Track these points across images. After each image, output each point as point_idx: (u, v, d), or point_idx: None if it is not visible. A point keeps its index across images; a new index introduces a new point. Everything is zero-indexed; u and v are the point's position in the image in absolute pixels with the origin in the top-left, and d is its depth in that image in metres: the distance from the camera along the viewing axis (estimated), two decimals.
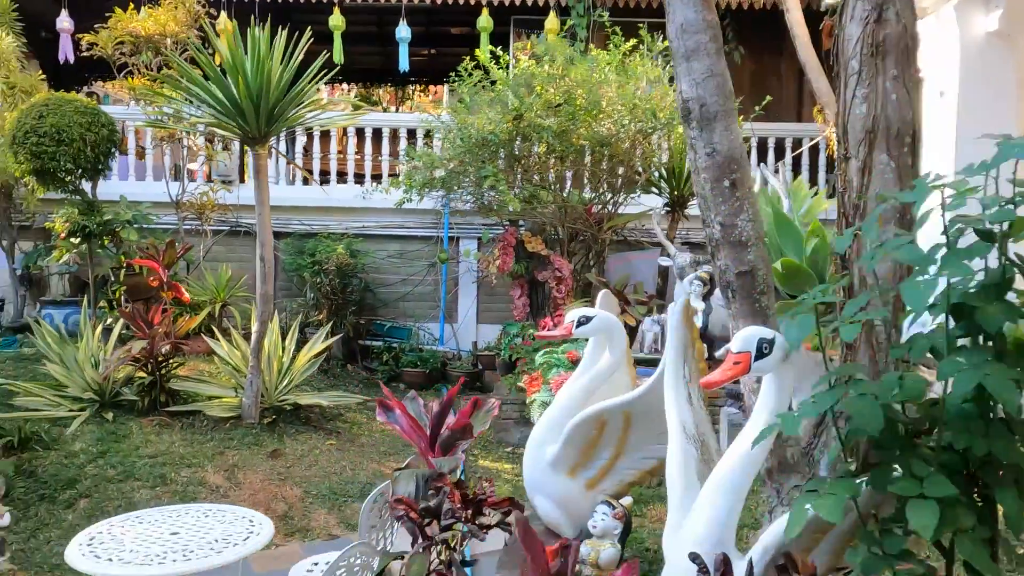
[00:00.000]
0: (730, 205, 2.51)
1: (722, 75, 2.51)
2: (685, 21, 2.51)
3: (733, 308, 2.57)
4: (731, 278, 2.55)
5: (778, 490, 2.64)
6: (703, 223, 2.61)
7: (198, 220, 8.24)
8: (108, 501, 4.93)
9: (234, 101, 5.49)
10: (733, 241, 2.53)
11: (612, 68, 6.15)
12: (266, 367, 6.23)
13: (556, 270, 6.61)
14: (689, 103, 2.52)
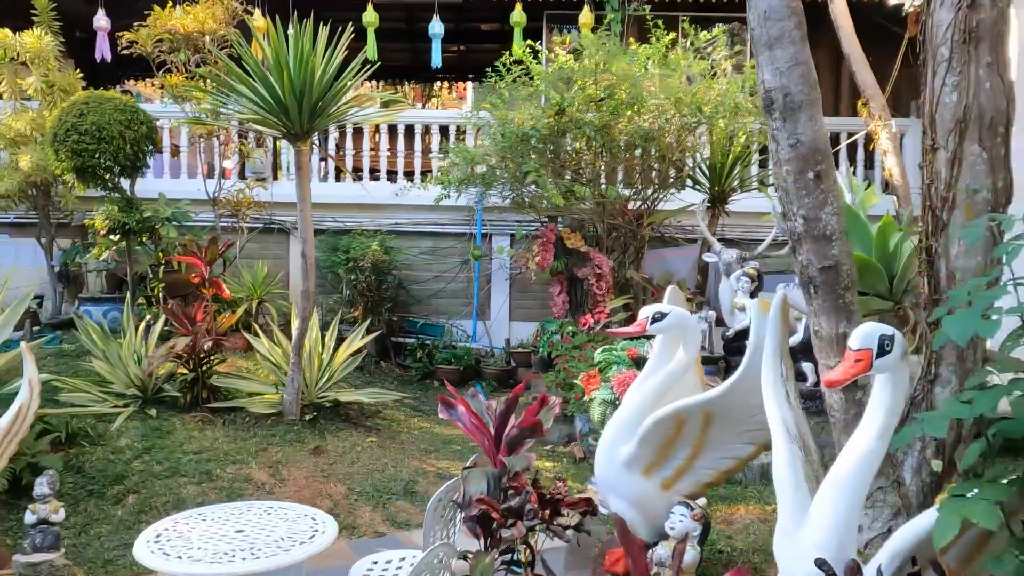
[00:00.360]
0: (814, 198, 2.44)
1: (806, 63, 2.44)
2: (768, 8, 2.44)
3: (815, 304, 2.50)
4: (813, 273, 2.48)
5: None
6: (783, 216, 2.54)
7: (234, 217, 8.26)
8: (156, 497, 4.95)
9: (277, 98, 5.48)
10: (816, 235, 2.46)
11: (655, 62, 6.07)
12: (307, 364, 6.23)
13: (596, 267, 6.54)
14: (772, 92, 2.45)
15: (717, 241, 5.75)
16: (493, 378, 8.77)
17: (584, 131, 5.92)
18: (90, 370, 6.43)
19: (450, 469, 5.96)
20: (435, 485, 5.68)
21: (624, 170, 7.02)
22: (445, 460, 6.13)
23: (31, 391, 4.10)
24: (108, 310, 8.23)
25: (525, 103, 6.28)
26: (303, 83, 5.39)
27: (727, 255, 5.57)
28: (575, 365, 6.15)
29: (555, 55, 6.73)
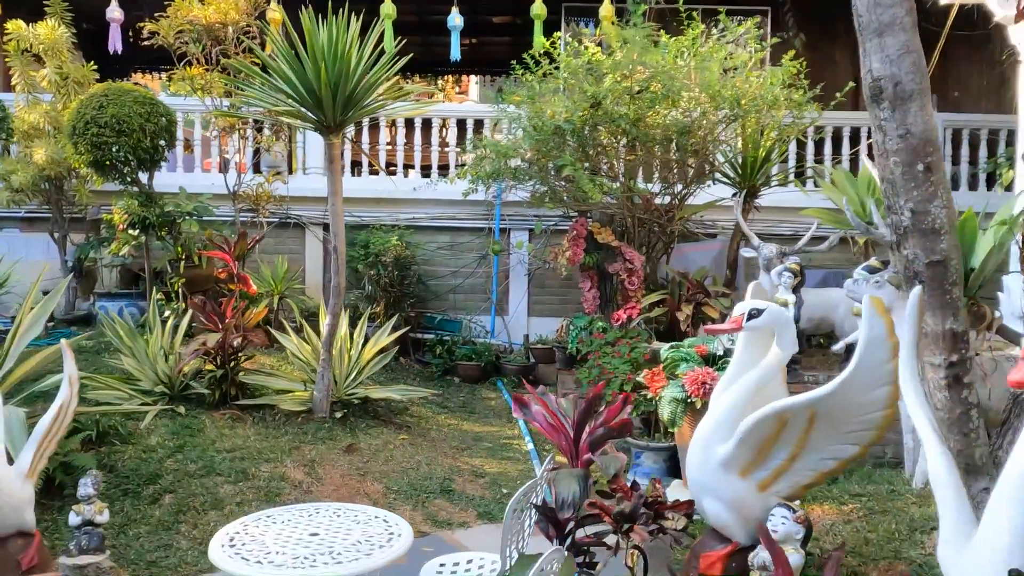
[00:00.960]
0: (923, 191, 2.37)
1: (917, 51, 2.36)
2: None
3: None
4: (920, 268, 2.41)
5: None
6: (888, 210, 2.47)
7: (253, 212, 8.14)
8: (193, 497, 4.85)
9: (311, 89, 5.38)
10: (925, 229, 2.39)
11: (692, 54, 5.99)
12: (336, 361, 6.14)
13: (627, 261, 6.47)
14: (881, 82, 2.38)
15: (755, 236, 5.68)
16: (513, 374, 8.69)
17: (620, 124, 5.83)
18: (112, 366, 6.33)
19: (484, 467, 5.89)
20: (471, 483, 5.62)
21: (655, 164, 6.94)
22: (478, 458, 6.06)
23: (71, 389, 4.01)
24: (126, 305, 8.11)
25: (553, 97, 6.19)
26: (339, 75, 5.29)
27: (767, 250, 5.51)
28: (609, 361, 6.08)
29: (581, 48, 6.62)
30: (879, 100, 2.40)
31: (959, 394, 2.50)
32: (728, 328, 2.72)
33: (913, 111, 2.35)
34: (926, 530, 2.85)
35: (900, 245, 2.45)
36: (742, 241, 7.07)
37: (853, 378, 2.26)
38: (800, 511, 2.41)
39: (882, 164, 2.45)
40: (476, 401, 7.85)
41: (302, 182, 9.38)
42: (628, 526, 2.33)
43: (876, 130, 2.46)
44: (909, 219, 2.39)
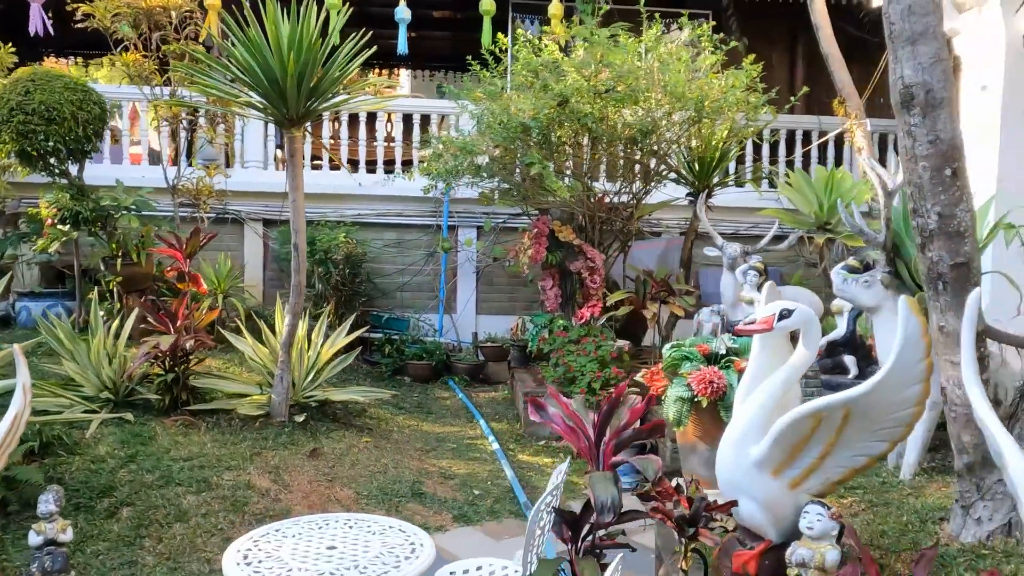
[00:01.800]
0: (950, 195, 2.45)
1: (947, 60, 2.44)
2: (914, 3, 2.43)
3: (941, 301, 2.51)
4: (944, 270, 2.49)
5: (978, 485, 2.61)
6: (913, 213, 2.54)
7: (193, 207, 7.76)
8: (153, 509, 4.57)
9: (274, 79, 5.15)
10: (951, 232, 2.47)
11: (656, 56, 6.06)
12: (296, 362, 5.92)
13: (589, 260, 6.49)
14: (913, 88, 2.45)
15: (719, 235, 5.80)
16: (465, 373, 8.62)
17: (585, 123, 5.83)
18: (47, 371, 5.91)
19: (452, 468, 5.80)
20: (441, 485, 5.52)
21: (614, 163, 6.99)
22: (445, 459, 5.96)
23: (25, 398, 3.70)
24: (50, 306, 7.59)
25: (518, 94, 6.14)
26: (304, 65, 5.08)
27: (731, 249, 5.63)
28: (575, 359, 6.09)
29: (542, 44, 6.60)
30: (910, 107, 2.47)
31: None
32: (759, 328, 2.75)
33: (943, 118, 2.44)
34: (935, 520, 2.97)
35: (925, 247, 2.54)
36: (696, 240, 7.23)
37: (889, 377, 2.32)
38: (834, 508, 2.47)
39: (910, 169, 2.53)
40: (431, 401, 7.73)
41: (241, 176, 9.01)
42: (693, 530, 2.32)
43: (905, 136, 2.53)
44: (936, 222, 2.48)
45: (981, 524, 2.63)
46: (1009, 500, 2.61)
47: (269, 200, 9.16)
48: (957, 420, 2.64)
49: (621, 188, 7.02)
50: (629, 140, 6.31)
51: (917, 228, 2.55)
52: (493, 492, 5.45)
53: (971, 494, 2.65)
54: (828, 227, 5.71)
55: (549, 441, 6.60)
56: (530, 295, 9.53)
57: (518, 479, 5.58)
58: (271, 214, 9.21)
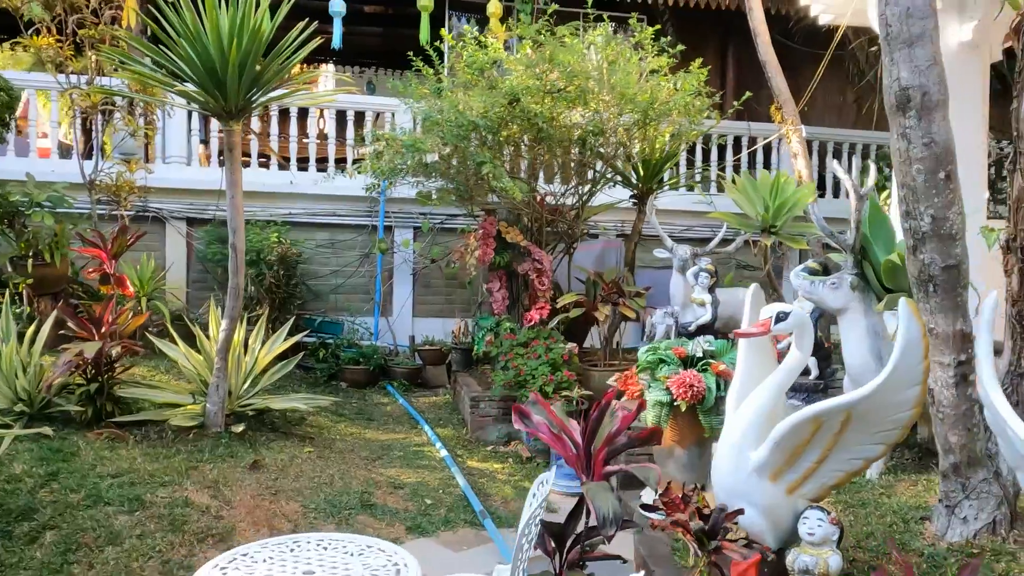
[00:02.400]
0: (943, 198, 2.46)
1: (942, 64, 2.46)
2: (912, 6, 2.43)
3: (931, 303, 2.53)
4: (936, 272, 2.51)
5: (964, 485, 2.64)
6: (906, 215, 2.55)
7: (112, 204, 7.26)
8: (81, 532, 4.19)
9: (212, 69, 4.84)
10: (943, 234, 2.49)
11: (605, 56, 6.02)
12: (233, 369, 5.59)
13: (536, 262, 6.40)
14: (910, 91, 2.45)
15: (668, 237, 5.81)
16: (403, 377, 8.39)
17: (536, 123, 5.74)
18: None
19: (401, 477, 5.59)
20: (391, 496, 5.32)
21: (561, 165, 6.93)
22: (393, 468, 5.75)
23: None
24: None
25: (467, 92, 5.99)
26: (247, 54, 4.79)
27: (682, 251, 5.64)
28: (525, 362, 5.99)
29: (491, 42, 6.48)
30: (906, 109, 2.48)
31: (965, 391, 2.65)
32: (756, 332, 2.71)
33: (937, 121, 2.46)
34: (917, 520, 3.01)
35: (917, 250, 2.55)
36: (639, 243, 7.26)
37: (891, 379, 2.32)
38: (833, 513, 2.45)
39: (904, 171, 2.54)
40: (371, 407, 7.48)
41: (162, 172, 8.51)
42: (716, 544, 2.23)
43: (899, 138, 2.54)
44: (929, 225, 2.50)
45: (967, 523, 2.68)
46: (994, 499, 2.67)
47: (193, 197, 8.69)
48: (945, 421, 2.68)
49: (568, 190, 6.97)
50: (578, 141, 6.26)
51: (909, 230, 2.56)
52: (446, 501, 5.28)
53: (957, 494, 2.70)
54: (773, 229, 5.82)
55: (496, 446, 6.48)
56: (467, 297, 9.39)
57: (470, 486, 5.44)
58: (195, 212, 8.74)
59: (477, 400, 6.52)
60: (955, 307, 2.54)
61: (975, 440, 2.65)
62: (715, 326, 5.48)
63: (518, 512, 5.30)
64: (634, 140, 6.52)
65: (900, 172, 2.56)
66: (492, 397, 6.44)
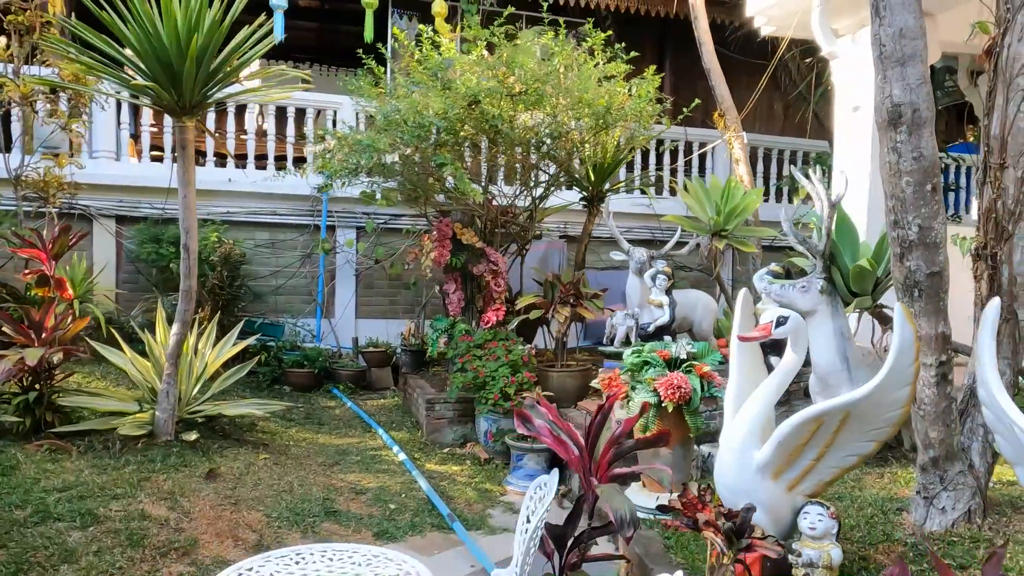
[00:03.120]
0: (930, 208, 2.61)
1: (929, 83, 2.60)
2: (905, 27, 2.57)
3: (916, 308, 2.68)
4: (921, 278, 2.66)
5: (941, 477, 2.81)
6: (893, 225, 2.69)
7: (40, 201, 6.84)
8: (32, 550, 3.94)
9: (167, 61, 4.64)
10: (928, 243, 2.64)
11: (561, 60, 6.08)
12: (185, 374, 5.38)
13: (492, 263, 6.40)
14: (901, 107, 2.59)
15: (624, 240, 5.93)
16: (349, 380, 8.25)
17: (495, 124, 5.75)
18: None
19: (362, 483, 5.51)
20: (354, 502, 5.23)
21: (515, 167, 6.95)
22: (352, 473, 5.65)
23: None
24: None
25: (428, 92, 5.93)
26: (204, 48, 4.62)
27: (639, 254, 5.77)
28: (484, 364, 5.99)
29: (445, 42, 6.45)
30: (897, 124, 2.62)
31: (944, 390, 2.82)
32: (758, 336, 2.81)
33: (926, 136, 2.61)
34: (895, 511, 3.18)
35: (903, 257, 2.70)
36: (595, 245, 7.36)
37: (886, 380, 2.45)
38: (831, 507, 2.56)
39: (893, 183, 2.68)
40: (319, 411, 7.32)
41: (90, 167, 8.08)
42: (747, 542, 2.30)
43: (890, 152, 2.68)
44: (916, 234, 2.65)
45: (945, 513, 2.86)
46: (968, 490, 2.86)
47: (123, 194, 8.30)
48: (926, 418, 2.85)
49: (521, 192, 7.00)
50: (536, 144, 6.31)
51: (896, 239, 2.72)
52: (409, 505, 5.23)
53: (935, 486, 2.87)
54: (724, 233, 6.02)
55: (453, 448, 6.46)
56: (411, 298, 9.31)
57: (433, 490, 5.41)
58: (125, 210, 8.34)
59: (432, 402, 6.48)
60: (937, 311, 2.71)
61: (952, 435, 2.83)
62: (672, 326, 5.62)
63: (483, 515, 5.31)
64: (586, 144, 6.61)
65: (889, 184, 2.71)
66: (447, 399, 6.41)
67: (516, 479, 5.68)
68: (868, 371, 3.76)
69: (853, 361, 3.71)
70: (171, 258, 7.54)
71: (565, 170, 6.75)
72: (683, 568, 2.78)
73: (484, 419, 6.11)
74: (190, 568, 4.05)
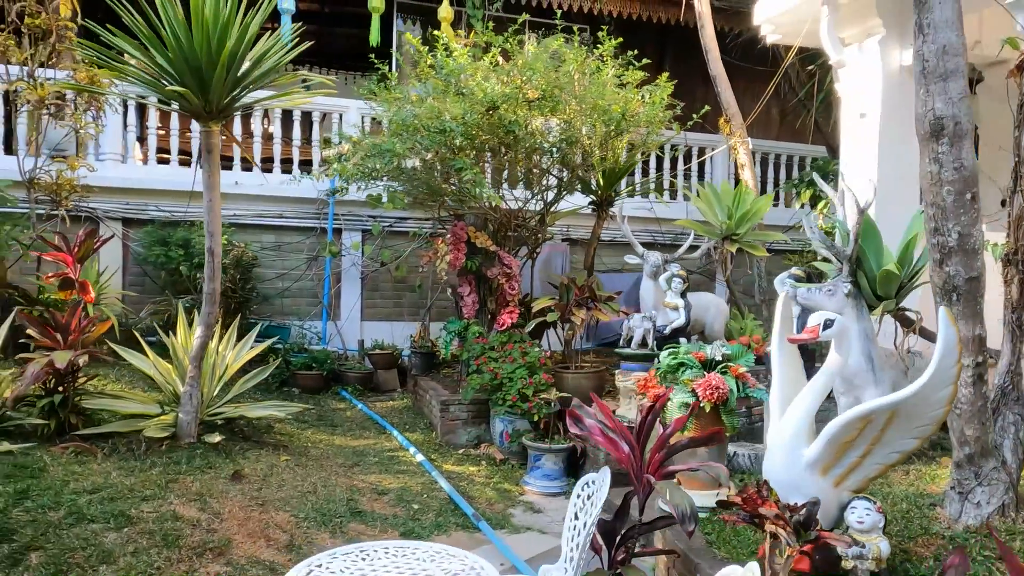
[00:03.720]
0: (969, 216, 2.73)
1: (968, 96, 2.73)
2: (948, 44, 2.69)
3: (955, 311, 2.80)
4: (960, 283, 2.78)
5: (976, 473, 2.93)
6: (933, 232, 2.81)
7: (52, 203, 6.84)
8: (70, 552, 3.97)
9: (197, 66, 4.68)
10: (967, 249, 2.76)
11: (577, 67, 6.18)
12: (207, 377, 5.42)
13: (505, 266, 6.49)
14: (944, 120, 2.70)
15: (638, 244, 6.04)
16: (356, 382, 8.29)
17: (512, 130, 5.83)
18: None
19: (383, 483, 5.57)
20: (377, 502, 5.29)
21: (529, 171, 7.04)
22: (372, 474, 5.71)
23: None
24: None
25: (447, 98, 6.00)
26: (234, 53, 4.67)
27: (654, 257, 5.88)
28: (501, 366, 6.07)
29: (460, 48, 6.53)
30: (939, 136, 2.74)
31: (980, 389, 2.95)
32: (806, 338, 2.92)
33: (966, 147, 2.74)
34: (928, 506, 3.31)
35: (943, 263, 2.83)
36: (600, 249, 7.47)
37: (932, 380, 2.56)
38: (878, 502, 2.68)
39: (934, 192, 2.81)
40: (330, 413, 7.37)
41: (100, 170, 8.07)
42: (815, 534, 2.40)
43: (931, 162, 2.80)
44: (956, 240, 2.77)
45: (980, 507, 2.99)
46: (1002, 485, 2.99)
47: (130, 197, 8.30)
48: (962, 416, 2.97)
49: (534, 195, 7.10)
50: (549, 149, 6.40)
51: (936, 245, 2.84)
52: (432, 505, 5.30)
53: (970, 481, 3.00)
54: (735, 237, 6.15)
55: (467, 449, 6.53)
56: (416, 301, 9.37)
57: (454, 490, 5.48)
58: (132, 212, 8.34)
59: (447, 404, 6.55)
60: (974, 314, 2.84)
61: (987, 433, 2.96)
62: (688, 328, 5.74)
63: (505, 514, 5.39)
64: (597, 148, 6.72)
65: (930, 193, 2.84)
66: (462, 401, 6.48)
67: (534, 479, 5.76)
68: (892, 372, 3.89)
69: (878, 362, 3.83)
70: (179, 260, 7.56)
71: (576, 175, 6.86)
72: (728, 562, 2.88)
73: (500, 420, 6.19)
74: (226, 568, 4.10)
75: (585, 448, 5.81)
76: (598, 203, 7.30)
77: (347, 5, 11.18)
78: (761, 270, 7.91)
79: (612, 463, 3.70)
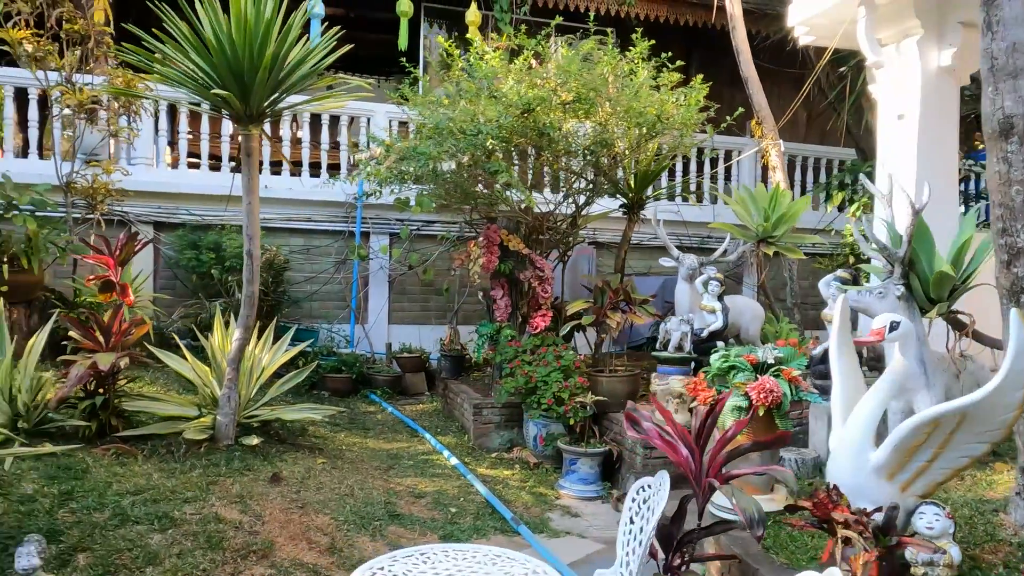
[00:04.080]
0: None
1: None
2: (1018, 41, 2.64)
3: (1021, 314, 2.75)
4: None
5: None
6: (1001, 232, 2.76)
7: (88, 207, 6.90)
8: (117, 553, 3.99)
9: (239, 70, 4.70)
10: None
11: (612, 70, 6.16)
12: (244, 380, 5.43)
13: (538, 269, 6.47)
14: (1013, 119, 2.66)
15: (674, 247, 6.01)
16: (385, 385, 8.30)
17: (547, 133, 5.82)
18: None
19: (419, 487, 5.56)
20: (415, 505, 5.28)
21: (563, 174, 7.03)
22: (408, 478, 5.70)
23: None
24: None
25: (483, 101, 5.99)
26: (275, 57, 4.69)
27: (690, 260, 5.84)
28: (535, 369, 6.05)
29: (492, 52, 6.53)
30: (1008, 135, 2.70)
31: None
32: (872, 340, 2.88)
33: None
34: (991, 512, 3.25)
35: (1010, 264, 2.78)
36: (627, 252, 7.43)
37: (1003, 384, 2.51)
38: (947, 507, 2.63)
39: (1003, 192, 2.76)
40: (362, 416, 7.37)
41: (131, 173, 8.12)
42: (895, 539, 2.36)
43: (999, 161, 2.76)
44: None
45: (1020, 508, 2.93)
46: None
47: (161, 200, 8.36)
48: None
49: (566, 198, 7.08)
50: (583, 152, 6.39)
51: (1004, 246, 2.79)
52: (469, 509, 5.29)
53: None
54: (771, 239, 6.09)
55: (500, 453, 6.51)
56: (443, 304, 9.37)
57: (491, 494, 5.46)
58: (163, 216, 8.40)
59: (480, 407, 6.53)
60: None
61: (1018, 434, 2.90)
62: (725, 332, 5.69)
63: (542, 518, 5.36)
64: (629, 151, 6.69)
65: (998, 193, 2.79)
66: (495, 404, 6.46)
67: (570, 483, 5.73)
68: (944, 376, 3.84)
69: (930, 366, 3.77)
70: (211, 264, 7.59)
71: (608, 177, 6.83)
72: (787, 568, 2.84)
73: (534, 424, 6.16)
74: (270, 570, 4.10)
75: (621, 452, 5.77)
76: (629, 206, 7.27)
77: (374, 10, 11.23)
78: (793, 273, 7.84)
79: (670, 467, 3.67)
